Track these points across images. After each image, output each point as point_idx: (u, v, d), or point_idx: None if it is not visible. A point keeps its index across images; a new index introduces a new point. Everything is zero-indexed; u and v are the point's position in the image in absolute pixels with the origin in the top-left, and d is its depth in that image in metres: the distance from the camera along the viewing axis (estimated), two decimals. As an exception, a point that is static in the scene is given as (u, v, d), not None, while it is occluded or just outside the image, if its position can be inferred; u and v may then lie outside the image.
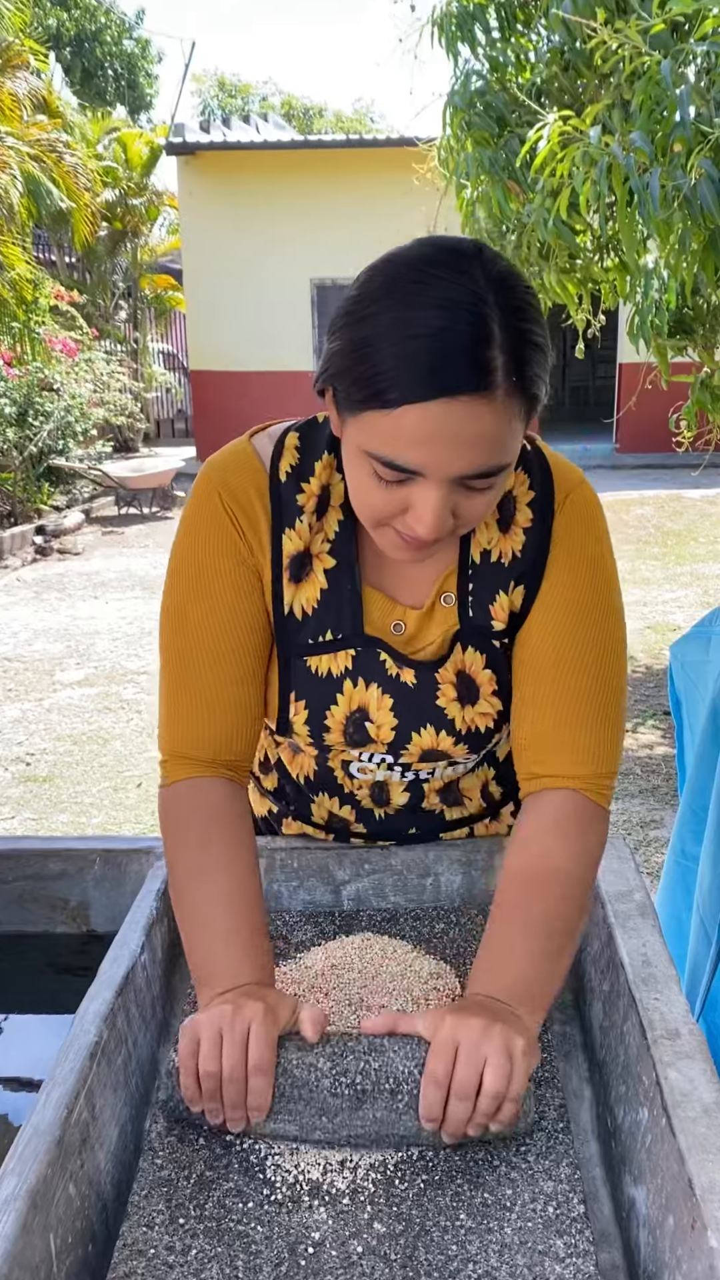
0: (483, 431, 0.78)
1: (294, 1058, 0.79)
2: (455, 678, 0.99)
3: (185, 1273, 0.69)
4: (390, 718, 1.00)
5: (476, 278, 0.77)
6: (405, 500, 0.82)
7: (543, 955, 0.85)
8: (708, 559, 7.32)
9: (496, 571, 0.97)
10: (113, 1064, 0.82)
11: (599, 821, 0.94)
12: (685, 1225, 0.65)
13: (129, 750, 4.22)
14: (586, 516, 0.99)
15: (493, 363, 0.76)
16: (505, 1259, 0.69)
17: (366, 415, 0.80)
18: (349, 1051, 0.79)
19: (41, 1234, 0.66)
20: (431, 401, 0.76)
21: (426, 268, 0.78)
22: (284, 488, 0.97)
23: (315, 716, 1.00)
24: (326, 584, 0.98)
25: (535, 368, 0.80)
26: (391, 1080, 0.77)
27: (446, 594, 0.99)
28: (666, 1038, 0.78)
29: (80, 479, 10.22)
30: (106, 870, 1.11)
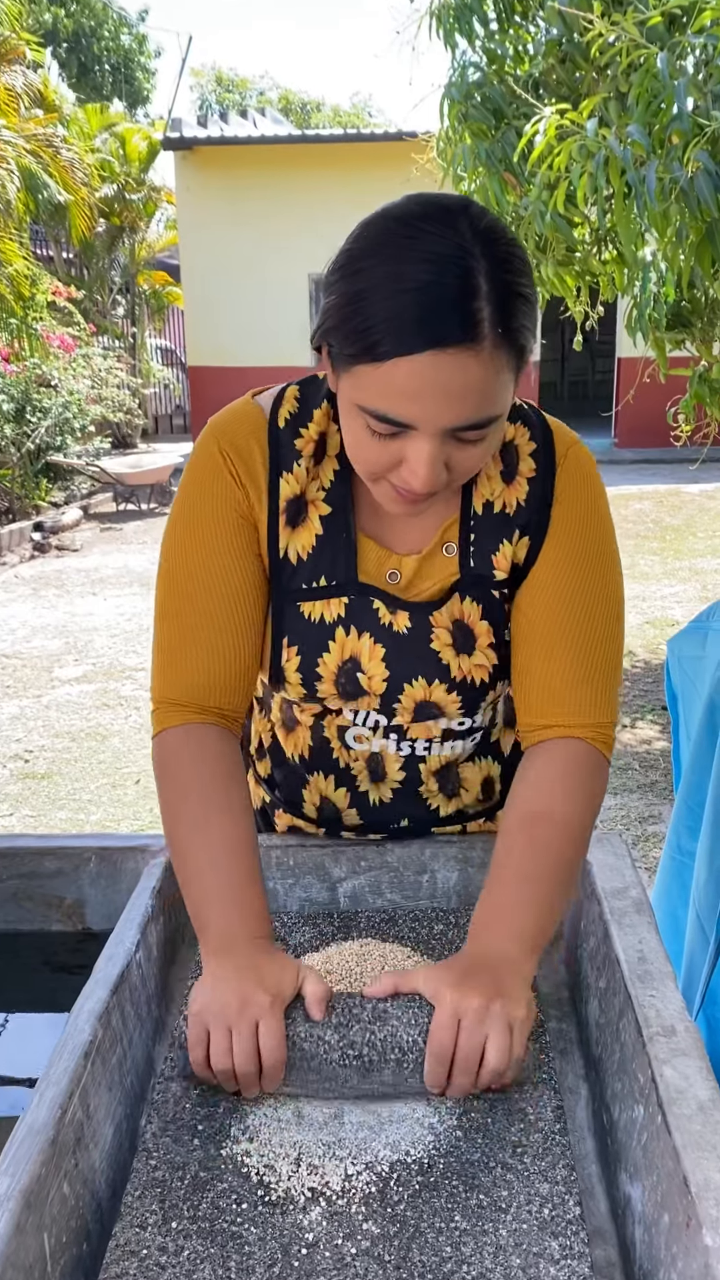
0: (471, 382, 0.79)
1: (302, 1030, 0.82)
2: (451, 624, 1.00)
3: (178, 1274, 0.69)
4: (381, 668, 1.00)
5: (463, 231, 0.79)
6: (399, 453, 0.84)
7: (544, 902, 0.88)
8: (706, 554, 7.31)
9: (500, 521, 0.99)
10: (107, 1063, 0.81)
11: (602, 769, 0.97)
12: (680, 1223, 0.64)
13: (127, 747, 4.22)
14: (586, 473, 1.01)
15: (479, 314, 0.78)
16: (500, 1261, 0.69)
17: (358, 369, 0.81)
18: (354, 1021, 0.82)
19: (35, 1233, 0.65)
20: (420, 354, 0.77)
21: (415, 222, 0.80)
22: (282, 433, 0.98)
23: (307, 663, 1.01)
24: (322, 530, 0.99)
25: (522, 318, 0.81)
26: (397, 1050, 0.81)
27: (448, 544, 1.00)
28: (662, 1035, 0.78)
29: (78, 475, 10.21)
30: (102, 868, 1.11)
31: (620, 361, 11.97)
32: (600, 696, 0.98)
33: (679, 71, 2.95)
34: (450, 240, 0.78)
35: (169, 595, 1.00)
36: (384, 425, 0.82)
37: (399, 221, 0.80)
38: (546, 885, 0.89)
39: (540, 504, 0.98)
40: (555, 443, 1.00)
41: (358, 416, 0.84)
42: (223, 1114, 0.83)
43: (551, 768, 0.96)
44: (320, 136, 13.14)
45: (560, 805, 0.93)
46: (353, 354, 0.81)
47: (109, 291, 14.35)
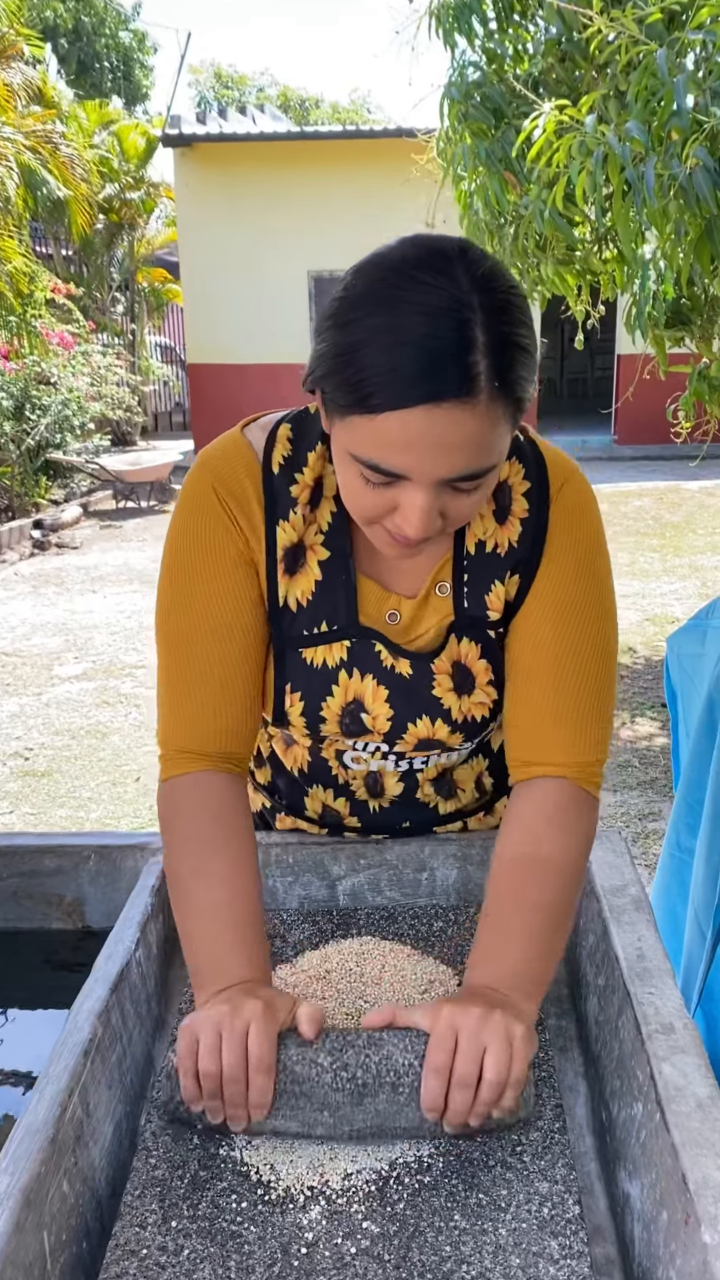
0: (467, 436, 0.78)
1: (294, 1053, 0.78)
2: (451, 668, 1.00)
3: (177, 1273, 0.69)
4: (386, 708, 1.00)
5: (459, 280, 0.77)
6: (393, 501, 0.83)
7: (539, 943, 0.86)
8: (706, 550, 7.31)
9: (492, 562, 0.98)
10: (107, 1061, 0.82)
11: (591, 809, 0.96)
12: (679, 1220, 0.65)
13: (127, 744, 4.22)
14: (581, 508, 0.99)
15: (475, 368, 0.76)
16: (499, 1260, 0.69)
17: (351, 419, 0.80)
18: (348, 1046, 0.79)
19: (35, 1231, 0.65)
20: (414, 408, 0.76)
21: (410, 270, 0.78)
22: (277, 479, 0.97)
23: (311, 708, 1.00)
24: (321, 575, 0.98)
25: (519, 370, 0.79)
26: (392, 1074, 0.77)
27: (441, 583, 0.99)
28: (661, 1032, 0.78)
29: (78, 473, 10.20)
30: (101, 866, 1.11)
31: (620, 359, 11.96)
32: (589, 736, 0.96)
33: (678, 68, 2.95)
34: (446, 290, 0.76)
35: (171, 644, 0.98)
36: (377, 475, 0.81)
37: (393, 270, 0.79)
38: (542, 932, 0.87)
39: (532, 544, 0.97)
40: (550, 480, 0.98)
41: (351, 464, 0.83)
42: None
43: (542, 810, 0.94)
44: (320, 133, 13.12)
45: (550, 849, 0.91)
46: (345, 404, 0.80)
47: (108, 289, 14.34)
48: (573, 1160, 0.78)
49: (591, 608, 0.98)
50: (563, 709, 0.96)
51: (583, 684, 0.96)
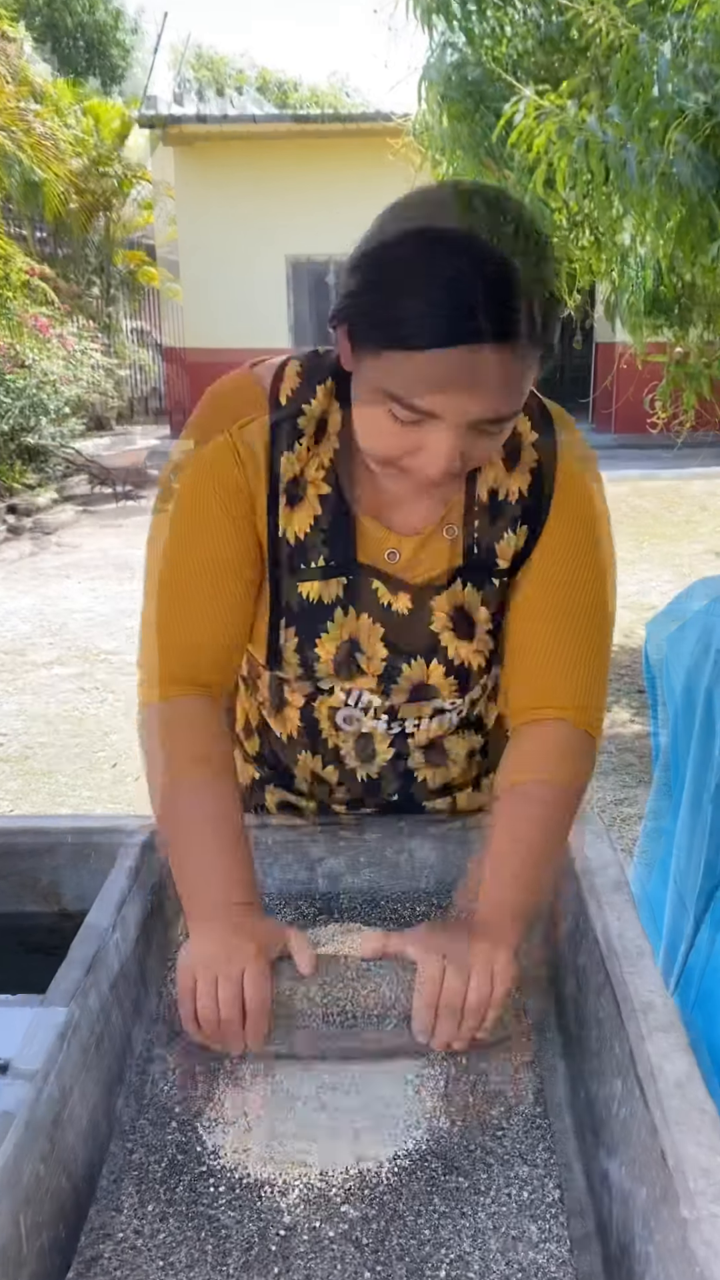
0: (503, 378, 0.80)
1: (286, 987, 0.84)
2: (452, 609, 1.01)
3: (153, 1257, 0.69)
4: (381, 648, 1.00)
5: (503, 225, 0.79)
6: (418, 441, 0.83)
7: (530, 875, 0.91)
8: (682, 539, 7.35)
9: (504, 510, 0.99)
10: (84, 1044, 0.81)
11: (590, 749, 0.99)
12: (657, 1197, 0.65)
13: (104, 730, 4.20)
14: (583, 461, 1.01)
15: (516, 312, 0.78)
16: (478, 1244, 0.69)
17: (387, 355, 0.81)
18: (339, 979, 0.85)
19: (10, 1215, 0.65)
20: (456, 348, 0.77)
21: (453, 211, 0.80)
22: (284, 411, 0.97)
23: (305, 644, 1.00)
24: (320, 510, 0.98)
25: (553, 317, 0.83)
26: (381, 1005, 0.84)
27: (450, 526, 0.99)
28: (641, 1011, 0.78)
29: (53, 458, 10.10)
30: (78, 849, 1.09)
31: (597, 347, 11.98)
32: (590, 682, 0.99)
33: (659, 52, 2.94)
34: (489, 232, 0.78)
35: (160, 569, 1.00)
36: (408, 413, 0.81)
37: (439, 207, 0.81)
38: (534, 866, 0.91)
39: (540, 494, 0.99)
40: (557, 432, 1.00)
41: (380, 401, 0.83)
42: (201, 1097, 0.82)
43: (540, 748, 0.98)
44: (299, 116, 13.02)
45: (549, 785, 0.95)
46: (381, 340, 0.80)
47: (84, 271, 14.16)
48: (553, 1144, 0.78)
49: (595, 560, 1.00)
50: (566, 655, 0.99)
51: (585, 631, 0.99)
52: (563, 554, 0.99)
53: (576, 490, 1.00)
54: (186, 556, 0.98)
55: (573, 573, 0.99)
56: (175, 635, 0.99)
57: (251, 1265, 0.68)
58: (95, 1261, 0.68)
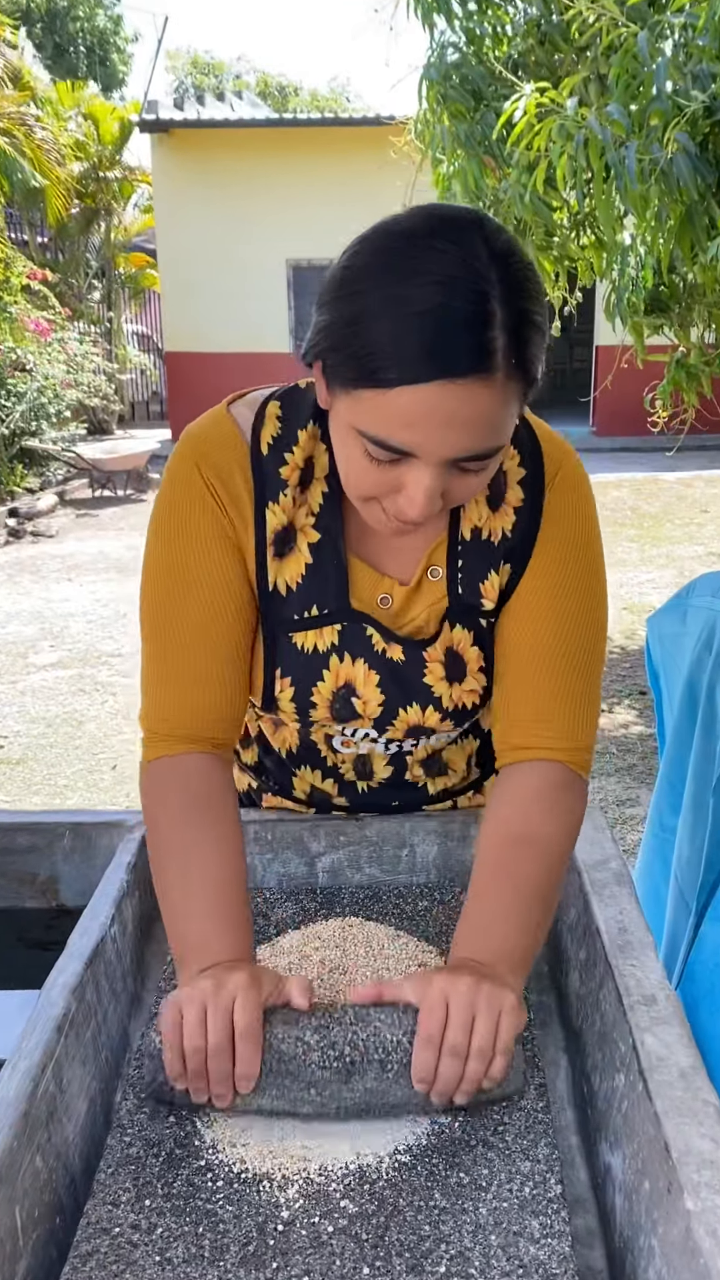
0: (480, 414, 0.76)
1: (279, 1032, 0.77)
2: (444, 655, 0.98)
3: (150, 1251, 0.68)
4: (377, 694, 0.98)
5: (477, 252, 0.74)
6: (396, 480, 0.80)
7: (525, 919, 0.85)
8: (683, 540, 7.35)
9: (486, 550, 0.95)
10: (81, 1037, 0.80)
11: (581, 793, 0.95)
12: (661, 1189, 0.64)
13: (104, 732, 4.19)
14: (575, 494, 0.97)
15: (494, 344, 0.73)
16: (479, 1239, 0.68)
17: (359, 394, 0.77)
18: (335, 1023, 0.78)
19: (6, 1206, 0.64)
20: (429, 383, 0.73)
21: (424, 239, 0.75)
22: (266, 460, 0.93)
23: (301, 693, 0.98)
24: (311, 558, 0.95)
25: (534, 348, 0.77)
26: (380, 1050, 0.76)
27: (434, 568, 0.96)
28: (643, 1003, 0.78)
29: (54, 461, 10.11)
30: (76, 844, 1.09)
31: (598, 349, 11.98)
32: (580, 720, 0.95)
33: (659, 51, 2.94)
34: (464, 261, 0.73)
35: (155, 626, 0.95)
36: (383, 451, 0.78)
37: (406, 238, 0.76)
38: (529, 910, 0.86)
39: (525, 534, 0.95)
40: (545, 467, 0.96)
41: (355, 440, 0.80)
42: None
43: (529, 789, 0.93)
44: (298, 120, 13.05)
45: (540, 828, 0.90)
46: (353, 378, 0.76)
47: (84, 275, 14.18)
48: (555, 1140, 0.77)
49: (584, 593, 0.97)
50: (555, 693, 0.94)
51: (574, 668, 0.95)
52: (549, 592, 0.96)
53: (563, 523, 0.96)
54: (176, 612, 0.94)
55: (560, 611, 0.95)
56: (170, 692, 0.94)
57: (249, 1260, 0.67)
58: (92, 1255, 0.67)
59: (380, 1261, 0.66)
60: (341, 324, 0.77)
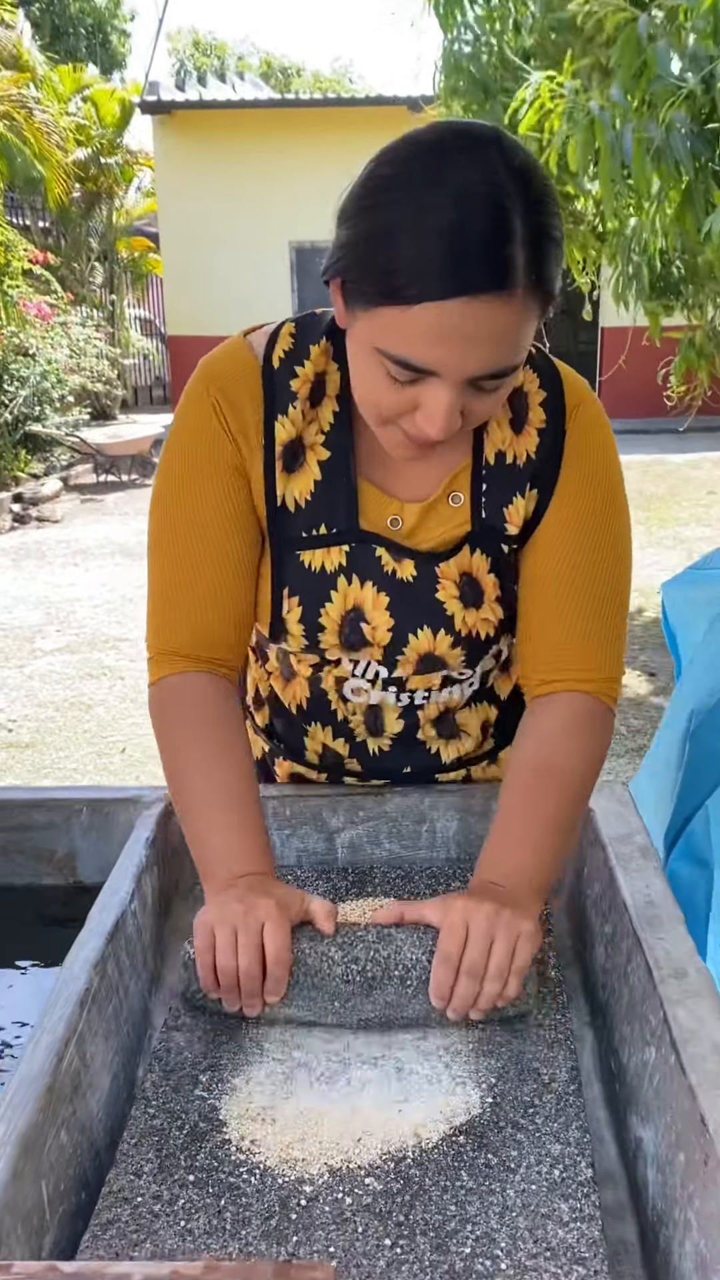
0: (501, 330, 0.76)
1: (306, 946, 0.83)
2: (459, 577, 0.97)
3: (171, 1222, 0.67)
4: (386, 617, 0.97)
5: (496, 167, 0.74)
6: (415, 399, 0.80)
7: (548, 845, 0.89)
8: (690, 522, 7.32)
9: (511, 473, 0.96)
10: (103, 1012, 0.79)
11: (607, 722, 0.97)
12: (698, 1161, 0.63)
13: (112, 716, 4.19)
14: (597, 428, 0.98)
15: (514, 259, 0.73)
16: (506, 1221, 0.66)
17: (380, 311, 0.77)
18: (359, 941, 0.83)
19: (33, 1180, 0.63)
20: (451, 300, 0.73)
21: (444, 154, 0.75)
22: (277, 374, 0.94)
23: (309, 614, 0.98)
24: (320, 475, 0.95)
25: (554, 264, 0.78)
26: (400, 967, 0.82)
27: (455, 493, 0.96)
28: (674, 977, 0.76)
29: (58, 446, 10.07)
30: (94, 820, 1.08)
31: (604, 331, 11.91)
32: (606, 651, 0.97)
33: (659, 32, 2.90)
34: (484, 176, 0.73)
35: (162, 548, 0.97)
36: (403, 370, 0.78)
37: (427, 152, 0.75)
38: (551, 838, 0.89)
39: (549, 456, 0.95)
40: (566, 393, 0.96)
41: (374, 358, 0.79)
42: (225, 1065, 0.81)
43: (557, 721, 0.95)
44: (301, 101, 12.95)
45: (565, 759, 0.92)
46: (374, 295, 0.76)
47: (86, 259, 14.09)
48: (586, 1122, 0.75)
49: (610, 524, 0.97)
50: (582, 624, 0.96)
51: (602, 599, 0.96)
52: (575, 521, 0.96)
53: (589, 454, 0.96)
54: (183, 534, 0.95)
55: (586, 540, 0.96)
56: (176, 612, 0.96)
57: (270, 1235, 0.66)
58: (112, 1224, 0.67)
59: (404, 1240, 0.65)
60: (361, 240, 0.77)
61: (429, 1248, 0.65)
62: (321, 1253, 0.65)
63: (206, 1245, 0.65)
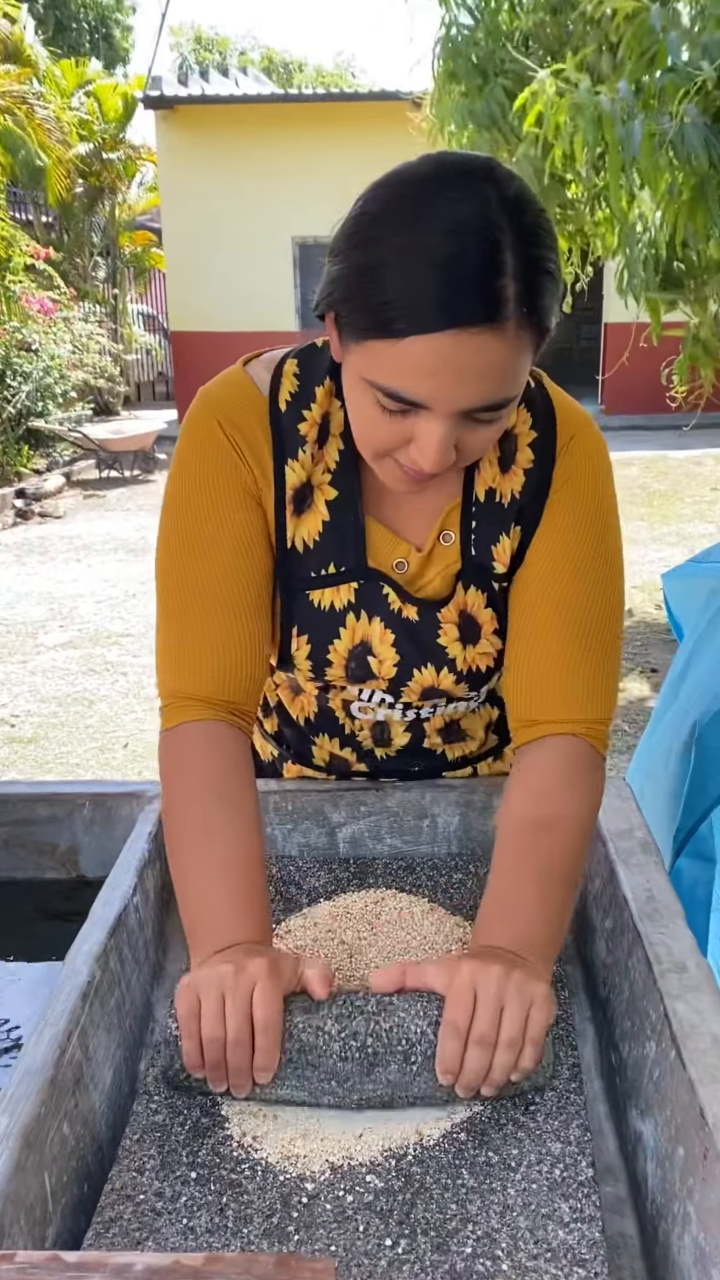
0: (492, 364, 0.75)
1: (299, 1021, 0.75)
2: (458, 617, 0.97)
3: (173, 1219, 0.67)
4: (392, 653, 0.97)
5: (489, 199, 0.73)
6: (408, 432, 0.79)
7: (551, 903, 0.83)
8: (693, 519, 7.31)
9: (498, 512, 0.94)
10: (105, 1005, 0.79)
11: (599, 767, 0.93)
12: (697, 1155, 0.63)
13: (115, 711, 4.19)
14: (592, 461, 0.95)
15: (505, 292, 0.72)
16: (506, 1220, 0.67)
17: (371, 344, 0.76)
18: (357, 1013, 0.75)
19: (36, 1173, 0.64)
20: (441, 333, 0.72)
21: (436, 187, 0.74)
22: (284, 417, 0.92)
23: (317, 651, 0.97)
24: (329, 516, 0.94)
25: (548, 297, 0.76)
26: (404, 1042, 0.74)
27: (446, 532, 0.96)
28: (674, 971, 0.77)
29: (60, 442, 10.08)
30: (96, 814, 1.08)
31: (607, 327, 11.89)
32: (597, 693, 0.93)
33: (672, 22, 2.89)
34: (475, 208, 0.72)
35: (173, 588, 0.93)
36: (395, 403, 0.77)
37: (418, 186, 0.75)
38: (557, 892, 0.84)
39: (534, 497, 0.94)
40: (558, 432, 0.94)
41: (366, 391, 0.79)
42: None
43: (552, 770, 0.90)
44: (304, 96, 12.92)
45: (563, 809, 0.88)
46: (365, 328, 0.76)
47: (89, 254, 14.08)
48: (588, 1122, 0.75)
49: (600, 561, 0.94)
50: (571, 664, 0.92)
51: (591, 638, 0.92)
52: (566, 559, 0.93)
53: (579, 491, 0.94)
54: (197, 574, 0.91)
55: (577, 579, 0.93)
56: (190, 656, 0.91)
57: (272, 1232, 0.66)
58: (115, 1222, 0.67)
59: (405, 1239, 0.65)
60: (352, 274, 0.76)
61: (430, 1247, 0.65)
62: (323, 1251, 0.65)
63: (208, 1243, 0.65)
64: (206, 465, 0.92)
